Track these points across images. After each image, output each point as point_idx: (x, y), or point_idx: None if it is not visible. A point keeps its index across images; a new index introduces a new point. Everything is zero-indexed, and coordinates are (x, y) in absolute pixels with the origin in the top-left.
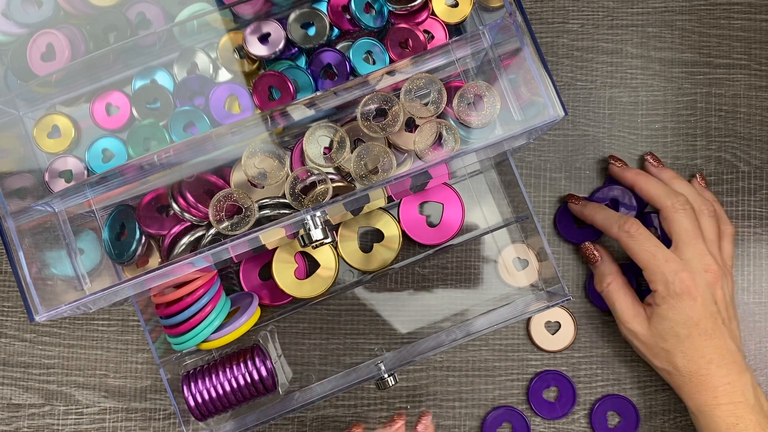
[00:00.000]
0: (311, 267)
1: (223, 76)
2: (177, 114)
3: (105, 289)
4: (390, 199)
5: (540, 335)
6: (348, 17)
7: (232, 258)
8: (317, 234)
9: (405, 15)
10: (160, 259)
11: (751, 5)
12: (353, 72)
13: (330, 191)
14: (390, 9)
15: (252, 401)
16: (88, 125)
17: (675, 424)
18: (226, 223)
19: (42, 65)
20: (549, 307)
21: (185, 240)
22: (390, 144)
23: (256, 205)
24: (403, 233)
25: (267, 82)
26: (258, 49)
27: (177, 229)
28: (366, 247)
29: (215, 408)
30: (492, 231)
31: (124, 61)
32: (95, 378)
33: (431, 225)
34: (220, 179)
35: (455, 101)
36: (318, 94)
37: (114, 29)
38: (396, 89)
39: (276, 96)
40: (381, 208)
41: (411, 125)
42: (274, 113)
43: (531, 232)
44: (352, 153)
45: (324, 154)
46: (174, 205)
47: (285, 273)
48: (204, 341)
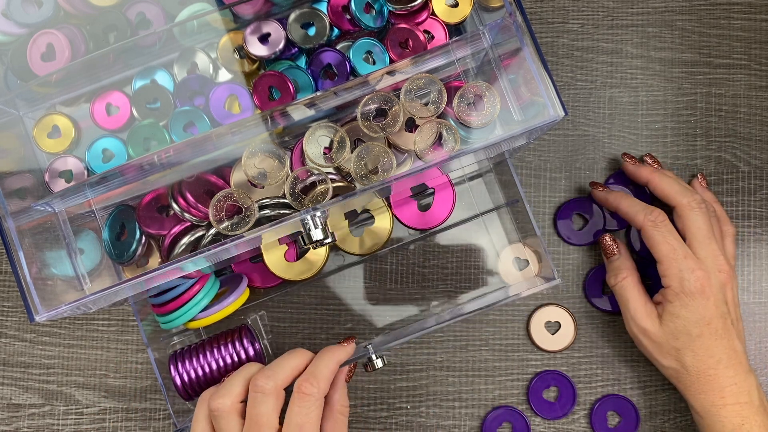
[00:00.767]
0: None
1: (223, 76)
2: (177, 114)
3: (105, 289)
4: (388, 199)
5: (540, 335)
6: (348, 17)
7: (231, 258)
8: (317, 234)
9: (405, 15)
10: (160, 259)
11: (751, 5)
12: (353, 72)
13: (330, 191)
14: (390, 9)
15: None
16: (88, 125)
17: (675, 424)
18: (226, 223)
19: (42, 65)
20: (539, 290)
21: (185, 240)
22: (390, 144)
23: (256, 205)
24: (394, 217)
25: (267, 82)
26: (258, 49)
27: (177, 229)
28: (357, 231)
29: (202, 388)
30: (482, 214)
31: (124, 61)
32: (95, 378)
33: (423, 209)
34: (220, 179)
35: (455, 101)
36: (318, 94)
37: (114, 29)
38: (396, 89)
39: (276, 96)
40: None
41: (411, 125)
42: (274, 113)
43: (529, 232)
44: (352, 153)
45: (324, 154)
46: (174, 205)
47: (275, 255)
48: (191, 320)
